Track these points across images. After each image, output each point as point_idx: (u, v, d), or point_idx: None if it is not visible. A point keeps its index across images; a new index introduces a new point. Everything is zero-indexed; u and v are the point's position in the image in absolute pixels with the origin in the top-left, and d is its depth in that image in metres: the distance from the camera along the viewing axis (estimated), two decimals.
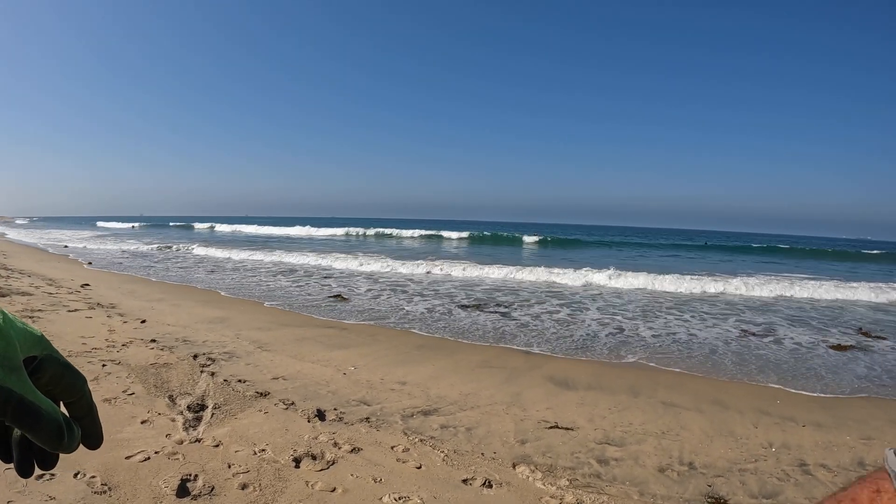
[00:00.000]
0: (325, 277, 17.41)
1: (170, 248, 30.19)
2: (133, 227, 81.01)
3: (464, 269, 20.37)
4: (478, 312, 11.50)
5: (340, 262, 22.64)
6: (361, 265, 21.53)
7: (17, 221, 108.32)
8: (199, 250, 28.65)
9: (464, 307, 12.11)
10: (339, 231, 55.32)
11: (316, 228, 58.44)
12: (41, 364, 0.68)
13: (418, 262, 21.95)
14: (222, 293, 13.36)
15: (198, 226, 77.25)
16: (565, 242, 47.87)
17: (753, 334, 10.17)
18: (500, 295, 14.38)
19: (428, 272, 20.08)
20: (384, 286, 15.63)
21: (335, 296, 13.19)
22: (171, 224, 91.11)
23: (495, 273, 19.72)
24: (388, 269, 20.60)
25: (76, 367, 0.74)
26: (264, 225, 71.35)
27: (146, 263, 21.21)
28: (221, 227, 69.71)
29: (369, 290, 14.75)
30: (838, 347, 9.20)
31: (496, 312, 11.57)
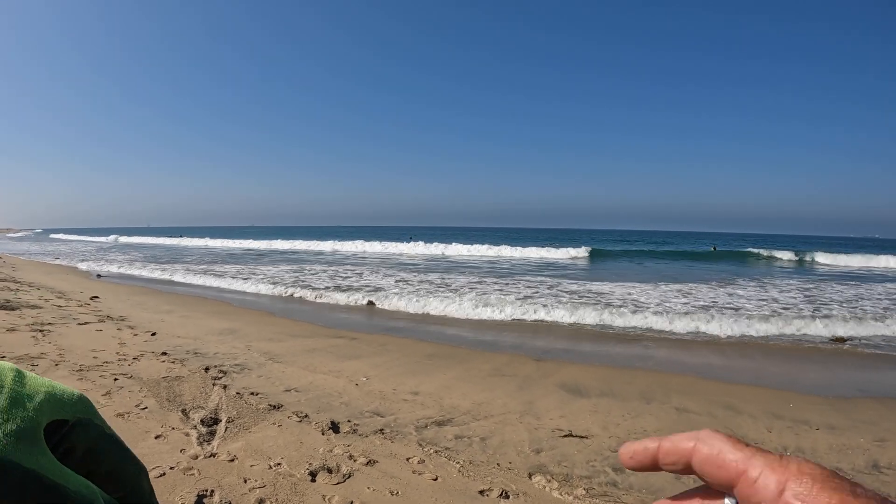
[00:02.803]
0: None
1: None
2: (115, 238, 78.71)
3: None
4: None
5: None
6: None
7: (9, 235, 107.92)
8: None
9: None
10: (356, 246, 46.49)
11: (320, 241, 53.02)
12: (73, 431, 0.54)
13: None
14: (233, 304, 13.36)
15: (183, 241, 67.52)
16: (613, 254, 41.81)
17: None
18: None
19: None
20: None
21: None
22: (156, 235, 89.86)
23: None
24: None
25: (132, 452, 0.61)
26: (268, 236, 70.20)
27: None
28: (214, 242, 59.98)
29: None
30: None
31: None
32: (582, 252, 38.21)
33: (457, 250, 40.88)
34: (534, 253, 38.61)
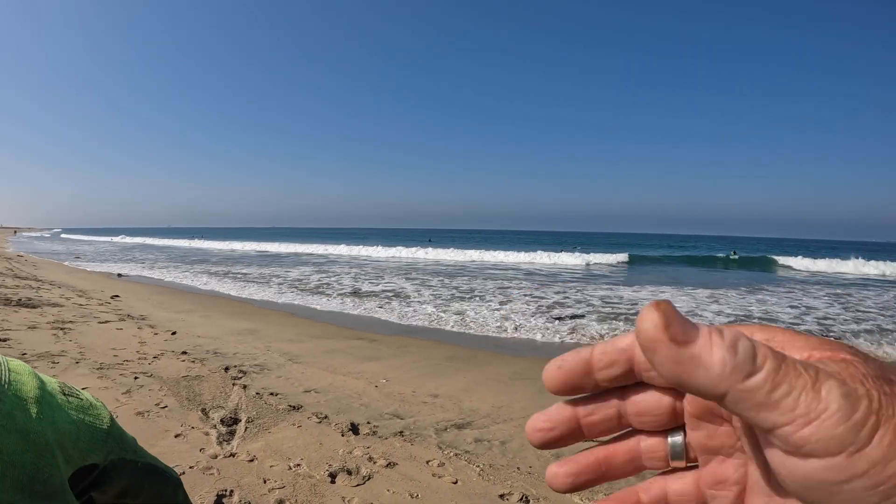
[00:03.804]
0: None
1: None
2: (113, 239, 77.39)
3: None
4: None
5: None
6: None
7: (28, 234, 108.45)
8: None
9: None
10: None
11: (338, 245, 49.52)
12: (106, 474, 0.50)
13: None
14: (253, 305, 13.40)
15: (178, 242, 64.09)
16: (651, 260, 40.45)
17: None
18: None
19: None
20: None
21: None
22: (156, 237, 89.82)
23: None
24: None
25: (164, 466, 0.58)
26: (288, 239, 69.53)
27: None
28: (236, 245, 54.73)
29: None
30: None
31: None
32: (622, 258, 37.31)
33: (493, 257, 38.67)
34: (571, 259, 36.54)
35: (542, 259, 36.60)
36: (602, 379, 0.38)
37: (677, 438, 0.40)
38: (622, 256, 37.23)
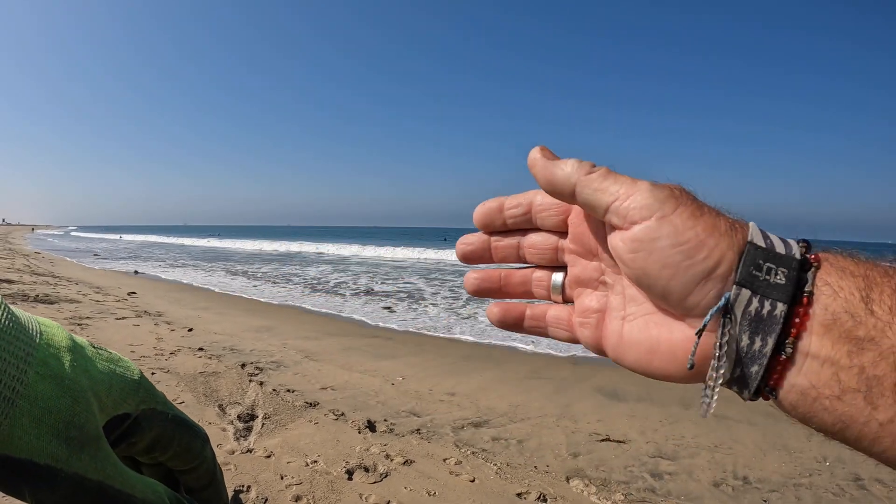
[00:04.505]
0: None
1: None
2: (122, 237, 77.31)
3: None
4: None
5: None
6: None
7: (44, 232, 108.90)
8: None
9: None
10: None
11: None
12: (138, 424, 0.49)
13: None
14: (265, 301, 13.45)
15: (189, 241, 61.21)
16: None
17: None
18: None
19: None
20: None
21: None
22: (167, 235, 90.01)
23: None
24: None
25: (192, 421, 0.56)
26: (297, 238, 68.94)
27: None
28: (252, 244, 51.14)
29: None
30: None
31: None
32: None
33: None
34: None
35: None
36: (508, 216, 0.56)
37: (558, 276, 0.56)
38: None
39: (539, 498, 3.75)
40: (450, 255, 36.03)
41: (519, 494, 3.79)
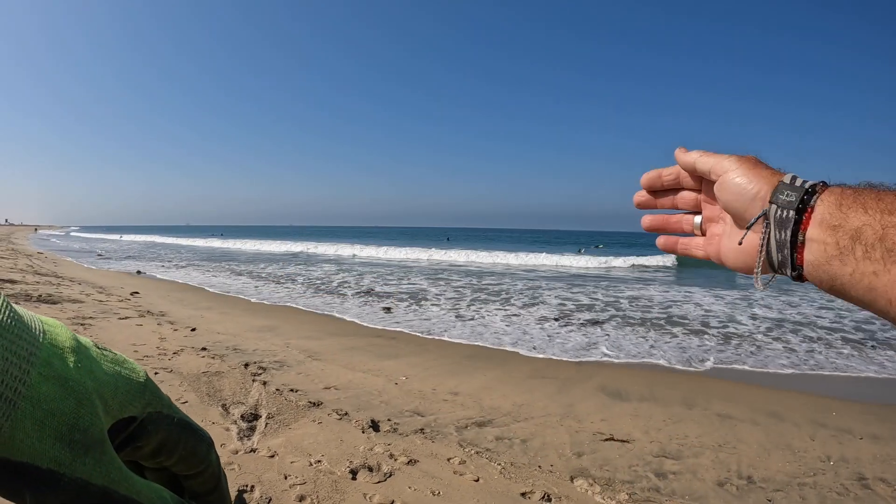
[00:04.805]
0: None
1: None
2: (122, 237, 77.10)
3: None
4: None
5: None
6: None
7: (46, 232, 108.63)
8: None
9: None
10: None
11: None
12: (143, 428, 0.48)
13: None
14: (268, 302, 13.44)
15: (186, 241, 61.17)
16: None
17: None
18: None
19: None
20: None
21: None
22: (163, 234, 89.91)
23: None
24: None
25: (197, 425, 0.55)
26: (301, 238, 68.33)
27: None
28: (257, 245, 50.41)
29: None
30: None
31: None
32: (668, 260, 32.68)
33: (518, 259, 34.61)
34: (617, 261, 33.53)
35: (584, 262, 33.43)
36: (665, 181, 0.86)
37: (698, 218, 0.85)
38: (669, 259, 34.07)
39: (543, 497, 3.74)
40: (453, 256, 35.78)
41: (523, 494, 3.78)
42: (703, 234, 0.86)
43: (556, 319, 11.64)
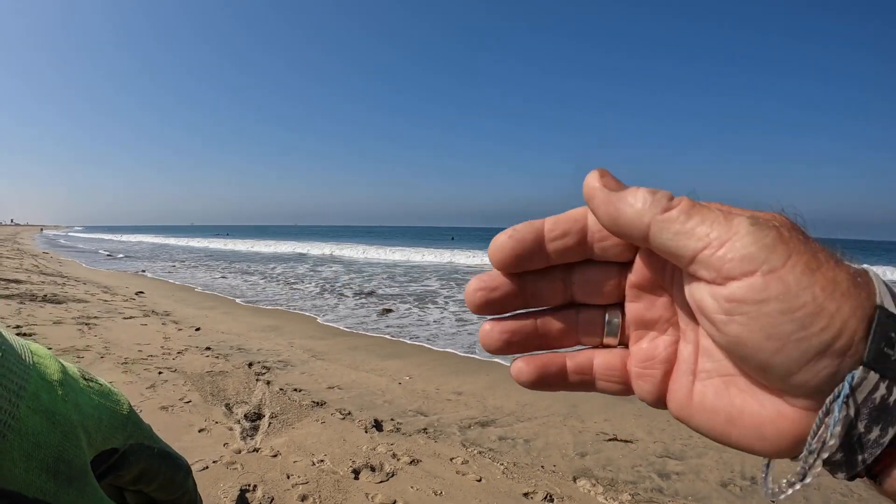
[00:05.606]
0: None
1: None
2: (122, 237, 76.20)
3: None
4: None
5: None
6: None
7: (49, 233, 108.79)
8: None
9: None
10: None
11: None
12: (125, 459, 0.50)
13: None
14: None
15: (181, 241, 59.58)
16: None
17: None
18: None
19: None
20: None
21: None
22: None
23: None
24: None
25: (176, 454, 0.58)
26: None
27: None
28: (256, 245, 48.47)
29: None
30: None
31: None
32: None
33: None
34: None
35: None
36: (553, 250, 0.41)
37: (615, 315, 0.44)
38: None
39: (546, 498, 3.73)
40: (459, 257, 35.60)
41: (526, 494, 3.78)
42: (621, 345, 0.45)
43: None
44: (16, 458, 0.38)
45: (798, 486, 0.35)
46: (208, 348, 7.42)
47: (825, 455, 0.33)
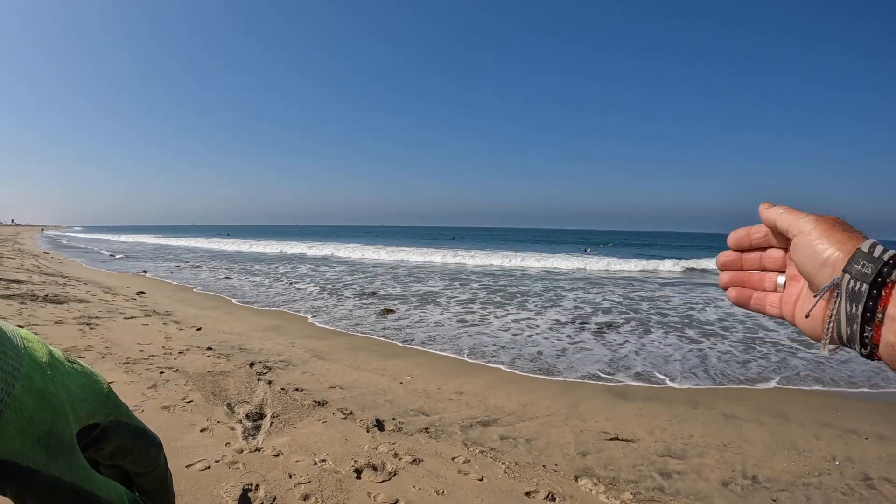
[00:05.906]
0: None
1: None
2: (121, 237, 75.61)
3: None
4: None
5: None
6: None
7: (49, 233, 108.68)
8: None
9: None
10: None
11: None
12: (105, 433, 0.56)
13: None
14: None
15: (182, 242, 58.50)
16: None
17: None
18: None
19: None
20: None
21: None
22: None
23: None
24: None
25: (150, 431, 0.62)
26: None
27: None
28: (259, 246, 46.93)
29: None
30: None
31: None
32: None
33: (541, 262, 31.68)
34: (665, 265, 30.19)
35: (628, 265, 29.86)
36: (753, 240, 0.81)
37: (782, 277, 0.80)
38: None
39: (547, 497, 3.73)
40: (460, 257, 35.29)
41: (527, 493, 3.77)
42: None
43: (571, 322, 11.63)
44: (11, 431, 0.43)
45: (831, 347, 0.68)
46: (210, 348, 7.43)
47: (836, 324, 0.65)
